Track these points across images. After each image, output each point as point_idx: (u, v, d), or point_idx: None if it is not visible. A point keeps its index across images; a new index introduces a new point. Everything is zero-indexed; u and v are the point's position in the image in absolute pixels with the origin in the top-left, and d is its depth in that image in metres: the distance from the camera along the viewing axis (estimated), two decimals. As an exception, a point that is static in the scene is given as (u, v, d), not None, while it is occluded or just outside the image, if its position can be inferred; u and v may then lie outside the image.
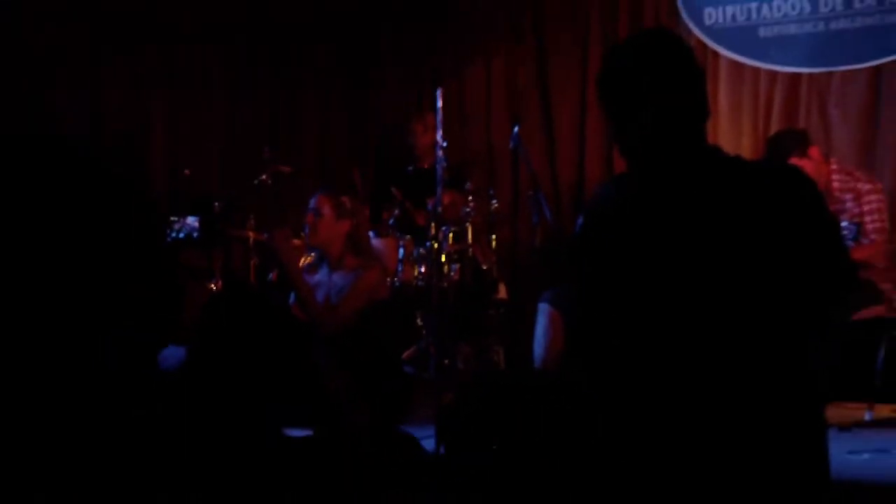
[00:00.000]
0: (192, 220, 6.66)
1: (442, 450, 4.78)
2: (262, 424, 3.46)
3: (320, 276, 5.17)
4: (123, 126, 7.63)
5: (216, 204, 6.83)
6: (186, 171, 7.33)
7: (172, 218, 6.69)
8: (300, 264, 5.17)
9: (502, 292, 6.93)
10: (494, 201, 6.93)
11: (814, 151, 5.96)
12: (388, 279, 5.12)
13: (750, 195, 2.48)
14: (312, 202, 5.11)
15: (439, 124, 5.65)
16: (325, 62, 8.19)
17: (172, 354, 4.48)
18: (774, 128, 6.96)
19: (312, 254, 5.29)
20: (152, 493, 2.86)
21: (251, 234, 6.77)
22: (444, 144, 5.65)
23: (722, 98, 7.23)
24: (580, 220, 2.66)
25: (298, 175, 7.47)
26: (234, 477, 3.16)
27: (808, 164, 5.75)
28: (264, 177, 7.10)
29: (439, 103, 5.72)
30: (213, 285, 6.92)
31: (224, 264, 7.03)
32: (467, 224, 6.59)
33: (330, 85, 8.13)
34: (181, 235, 6.76)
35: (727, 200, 2.47)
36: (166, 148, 7.77)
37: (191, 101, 7.91)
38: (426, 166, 6.70)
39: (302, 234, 5.17)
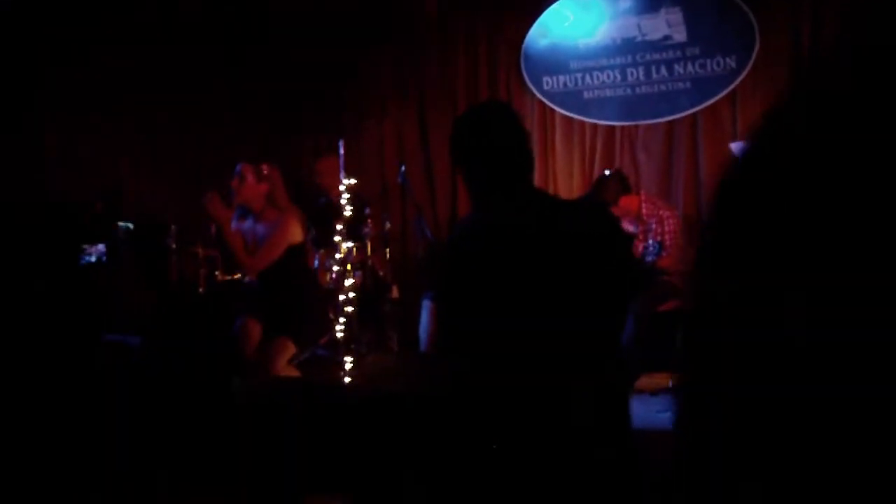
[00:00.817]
0: (100, 247, 6.25)
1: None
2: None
3: (247, 224, 5.02)
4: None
5: (172, 226, 6.41)
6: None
7: (85, 245, 6.27)
8: (230, 220, 4.92)
9: (395, 293, 6.79)
10: (388, 223, 6.72)
11: (632, 194, 6.12)
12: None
13: (564, 225, 2.46)
14: (237, 169, 5.01)
15: (342, 166, 5.42)
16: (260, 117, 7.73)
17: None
18: (598, 168, 7.29)
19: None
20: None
21: (200, 250, 6.42)
22: (348, 182, 5.41)
23: (557, 145, 7.54)
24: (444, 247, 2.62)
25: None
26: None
27: (629, 198, 5.99)
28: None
29: (341, 150, 5.73)
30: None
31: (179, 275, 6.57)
32: (367, 240, 6.42)
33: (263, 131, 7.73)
34: (92, 259, 6.35)
35: (545, 229, 2.44)
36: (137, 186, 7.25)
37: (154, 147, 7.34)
38: (333, 198, 6.50)
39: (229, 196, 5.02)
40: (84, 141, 7.23)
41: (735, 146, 6.05)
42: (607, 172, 6.08)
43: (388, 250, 7.06)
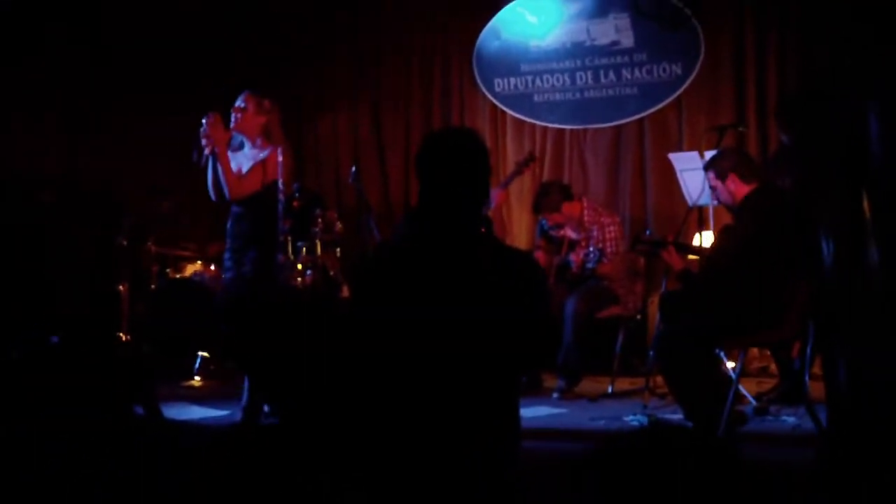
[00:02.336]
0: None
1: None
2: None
3: (240, 152, 5.08)
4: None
5: (124, 224, 6.52)
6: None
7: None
8: (226, 142, 4.99)
9: (345, 291, 6.79)
10: (338, 223, 6.75)
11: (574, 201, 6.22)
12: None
13: (491, 267, 2.60)
14: (240, 99, 5.03)
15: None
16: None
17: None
18: (548, 169, 7.41)
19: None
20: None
21: (152, 247, 6.51)
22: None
23: (508, 146, 7.64)
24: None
25: (194, 201, 7.14)
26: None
27: (571, 204, 6.11)
28: (164, 204, 6.73)
29: (279, 157, 5.53)
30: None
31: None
32: (317, 240, 6.48)
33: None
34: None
35: (458, 265, 2.58)
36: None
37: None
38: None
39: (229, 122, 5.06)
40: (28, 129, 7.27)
41: (674, 157, 6.19)
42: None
43: (338, 250, 7.14)
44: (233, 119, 5.02)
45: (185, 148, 8.10)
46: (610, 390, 5.75)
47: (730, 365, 5.22)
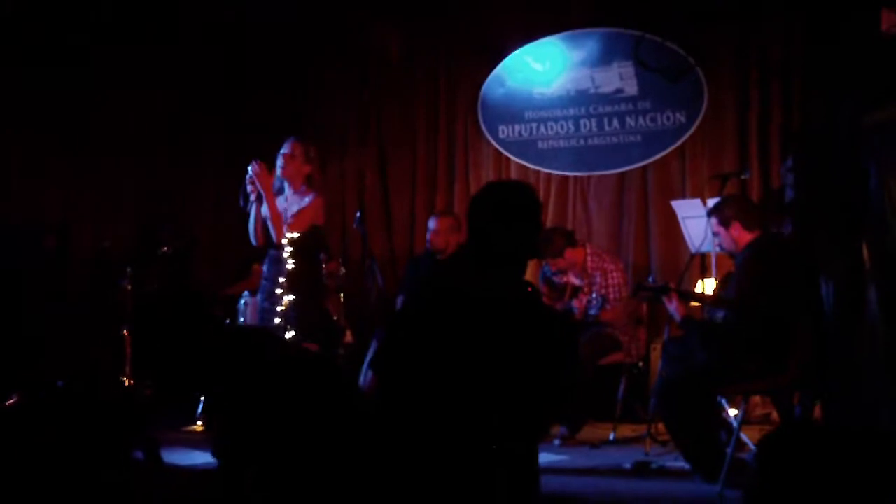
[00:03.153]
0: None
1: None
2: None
3: (281, 197, 5.26)
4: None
5: (128, 269, 6.51)
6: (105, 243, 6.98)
7: None
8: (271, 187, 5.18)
9: (349, 337, 6.82)
10: (343, 268, 6.80)
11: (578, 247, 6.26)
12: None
13: (529, 329, 2.64)
14: (287, 146, 5.23)
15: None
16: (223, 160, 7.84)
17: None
18: (551, 215, 7.51)
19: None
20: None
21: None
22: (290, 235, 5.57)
23: None
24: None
25: (195, 243, 7.25)
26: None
27: (575, 251, 6.14)
28: (165, 248, 6.78)
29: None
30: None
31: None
32: (323, 285, 6.52)
33: (220, 180, 7.81)
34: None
35: (510, 322, 2.62)
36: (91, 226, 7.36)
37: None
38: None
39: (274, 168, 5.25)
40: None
41: (676, 204, 6.22)
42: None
43: (342, 295, 7.17)
44: (279, 164, 5.19)
45: (187, 194, 8.22)
46: (612, 437, 5.73)
47: (732, 412, 5.21)
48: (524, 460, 2.67)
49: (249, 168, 5.12)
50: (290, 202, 5.22)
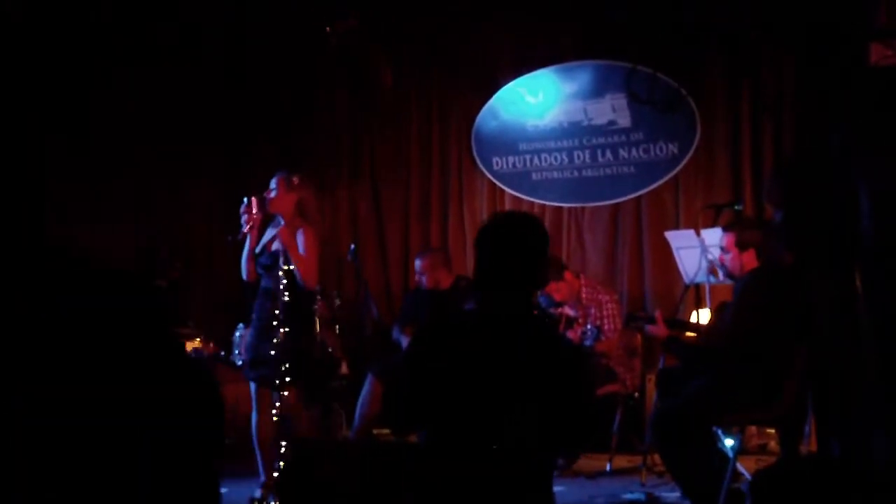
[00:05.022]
0: None
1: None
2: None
3: (274, 230, 5.18)
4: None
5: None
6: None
7: None
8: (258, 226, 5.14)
9: (344, 368, 6.85)
10: (338, 300, 6.84)
11: (568, 275, 6.28)
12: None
13: (538, 356, 2.67)
14: (272, 182, 5.15)
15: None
16: (213, 195, 7.85)
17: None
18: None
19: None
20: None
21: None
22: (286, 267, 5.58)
23: None
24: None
25: (188, 276, 7.25)
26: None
27: (563, 285, 6.14)
28: (161, 281, 6.81)
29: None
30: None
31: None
32: (315, 317, 6.54)
33: (215, 213, 7.82)
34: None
35: (519, 351, 2.67)
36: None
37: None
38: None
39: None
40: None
41: (670, 235, 6.27)
42: None
43: (337, 326, 7.19)
44: (265, 200, 5.14)
45: (180, 226, 8.25)
46: (608, 468, 5.75)
47: (728, 442, 5.23)
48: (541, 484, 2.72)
49: (245, 200, 5.13)
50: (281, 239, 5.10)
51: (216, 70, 8.02)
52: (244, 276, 5.22)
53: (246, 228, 5.11)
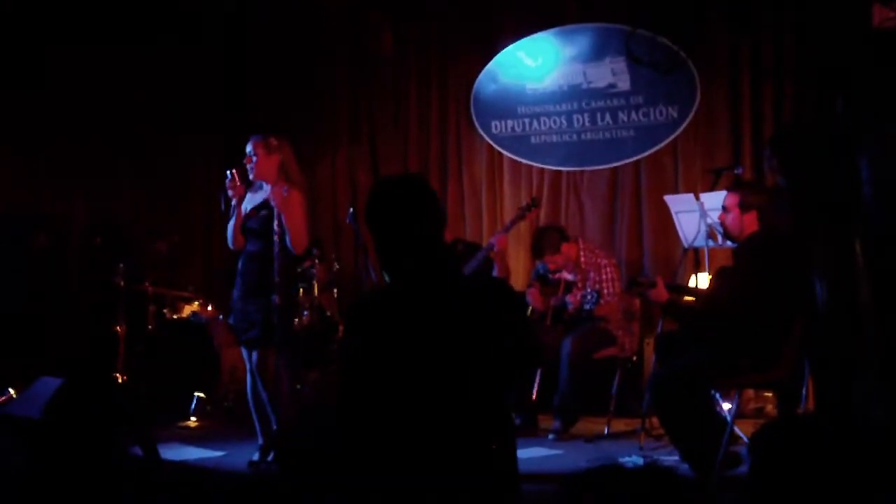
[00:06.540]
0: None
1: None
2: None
3: (260, 194, 5.12)
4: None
5: (121, 265, 6.52)
6: (97, 240, 7.05)
7: None
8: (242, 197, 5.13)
9: (342, 332, 6.83)
10: (336, 264, 6.87)
11: (564, 247, 6.22)
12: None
13: (465, 301, 2.68)
14: (248, 146, 5.06)
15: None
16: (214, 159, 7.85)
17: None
18: (545, 210, 7.49)
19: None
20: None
21: (150, 288, 6.66)
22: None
23: (505, 188, 7.78)
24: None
25: (186, 242, 7.28)
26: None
27: (559, 257, 6.17)
28: (161, 245, 6.86)
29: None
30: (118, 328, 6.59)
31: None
32: (314, 281, 6.58)
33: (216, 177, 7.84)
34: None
35: (447, 304, 2.67)
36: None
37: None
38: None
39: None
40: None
41: (669, 199, 6.27)
42: None
43: (335, 290, 7.20)
44: (248, 169, 5.08)
45: (181, 190, 8.27)
46: (606, 431, 5.77)
47: (725, 406, 5.27)
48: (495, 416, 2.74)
49: (228, 173, 5.09)
50: (271, 195, 5.05)
51: (216, 39, 8.00)
52: (230, 245, 5.17)
53: (233, 202, 5.11)
